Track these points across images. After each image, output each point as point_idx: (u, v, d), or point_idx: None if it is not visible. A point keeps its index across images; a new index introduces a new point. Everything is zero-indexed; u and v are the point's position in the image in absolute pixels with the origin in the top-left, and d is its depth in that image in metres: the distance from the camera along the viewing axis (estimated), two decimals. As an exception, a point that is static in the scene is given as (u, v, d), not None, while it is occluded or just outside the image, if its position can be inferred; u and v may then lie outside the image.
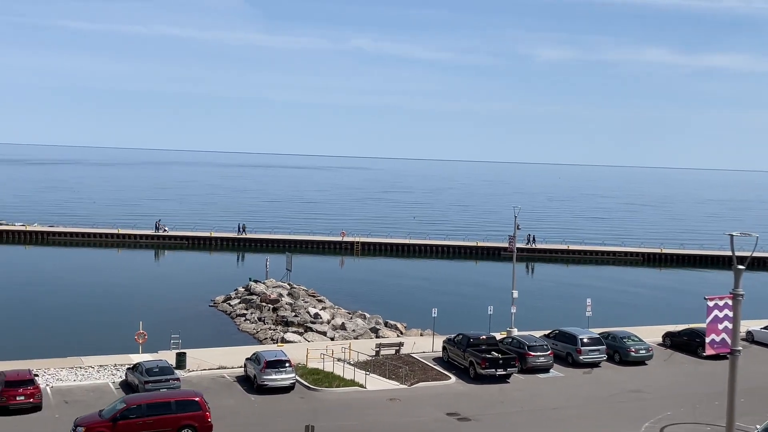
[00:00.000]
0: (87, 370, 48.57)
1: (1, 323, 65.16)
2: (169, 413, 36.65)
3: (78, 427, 35.98)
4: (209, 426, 37.21)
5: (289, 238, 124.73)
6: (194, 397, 37.96)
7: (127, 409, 36.62)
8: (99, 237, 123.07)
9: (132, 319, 61.38)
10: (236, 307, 73.42)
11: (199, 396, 38.17)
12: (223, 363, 51.17)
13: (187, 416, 36.79)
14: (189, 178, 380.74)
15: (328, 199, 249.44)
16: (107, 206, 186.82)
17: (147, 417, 36.39)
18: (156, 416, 36.50)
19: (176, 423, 36.60)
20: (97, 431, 35.69)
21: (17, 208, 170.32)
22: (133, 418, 36.27)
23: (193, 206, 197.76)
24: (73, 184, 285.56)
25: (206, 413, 37.24)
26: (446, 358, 52.84)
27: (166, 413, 36.63)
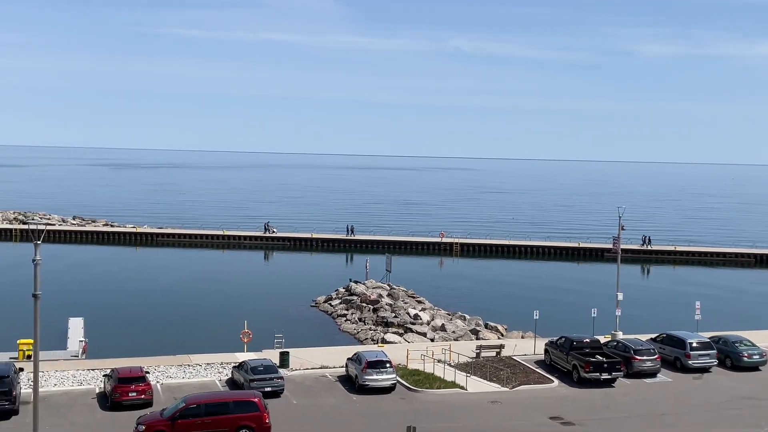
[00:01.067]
0: (195, 368, 50.02)
1: (114, 322, 67.81)
2: (227, 413, 36.75)
3: (139, 425, 36.65)
4: (267, 427, 37.09)
5: (388, 239, 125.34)
6: (252, 398, 37.85)
7: (186, 408, 36.96)
8: (205, 238, 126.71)
9: (237, 318, 62.87)
10: (337, 308, 74.26)
11: (257, 397, 38.05)
12: (324, 362, 51.81)
13: (245, 417, 36.77)
14: (293, 180, 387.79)
15: (428, 200, 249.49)
16: (213, 208, 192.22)
17: (205, 417, 36.66)
18: (214, 416, 36.69)
19: (234, 423, 36.70)
20: (156, 430, 36.22)
21: (128, 210, 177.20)
22: (192, 417, 36.58)
23: (300, 208, 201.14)
24: (180, 187, 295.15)
25: (264, 414, 37.15)
26: (548, 361, 51.97)
27: (224, 413, 36.76)
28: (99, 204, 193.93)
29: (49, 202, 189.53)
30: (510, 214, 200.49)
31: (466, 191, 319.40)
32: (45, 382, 44.90)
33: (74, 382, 46.50)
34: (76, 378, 47.13)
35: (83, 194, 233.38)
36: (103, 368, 48.12)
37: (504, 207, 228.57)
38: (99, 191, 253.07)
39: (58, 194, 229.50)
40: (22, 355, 50.71)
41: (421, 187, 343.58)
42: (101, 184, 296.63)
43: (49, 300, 40.83)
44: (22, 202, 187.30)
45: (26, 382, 44.22)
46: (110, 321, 67.54)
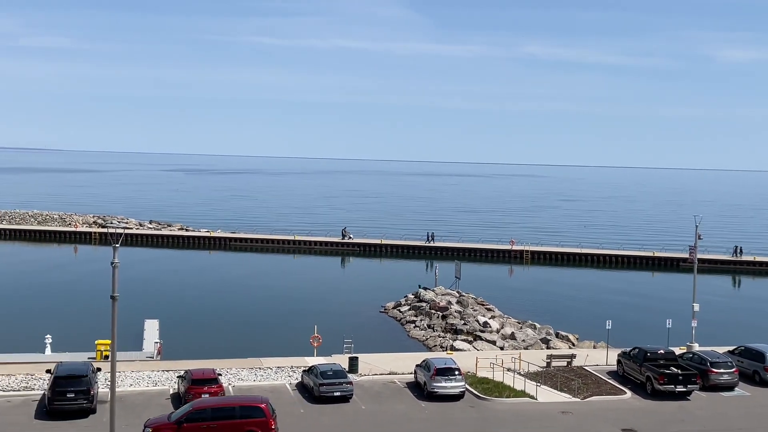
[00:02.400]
0: (265, 371, 50.65)
1: (188, 324, 69.22)
2: (233, 418, 36.77)
3: (146, 428, 36.80)
4: None
5: (458, 246, 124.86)
6: (259, 403, 37.76)
7: (192, 412, 37.07)
8: (277, 243, 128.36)
9: (307, 322, 63.50)
10: (406, 314, 74.29)
11: (264, 402, 37.86)
12: (393, 368, 51.86)
13: (251, 422, 36.69)
14: (362, 187, 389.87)
15: (498, 208, 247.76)
16: (284, 214, 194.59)
17: (211, 421, 36.75)
18: (220, 421, 36.76)
19: (240, 428, 36.70)
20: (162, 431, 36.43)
21: (202, 215, 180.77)
22: (198, 421, 36.70)
23: (369, 214, 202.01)
24: (252, 192, 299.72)
25: (270, 420, 37.02)
26: (621, 372, 50.97)
27: (230, 418, 36.78)
28: (174, 209, 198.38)
29: (127, 207, 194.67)
30: (582, 221, 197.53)
31: (537, 198, 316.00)
32: (121, 382, 46.04)
33: (149, 382, 47.59)
34: (151, 379, 48.24)
35: (159, 199, 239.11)
36: (177, 369, 49.14)
37: (576, 214, 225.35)
38: (174, 196, 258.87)
39: (136, 199, 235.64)
40: (99, 356, 52.13)
41: (491, 194, 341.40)
42: (176, 190, 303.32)
43: (126, 302, 41.93)
44: (101, 206, 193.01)
45: (103, 381, 45.43)
46: (184, 323, 68.99)
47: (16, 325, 66.23)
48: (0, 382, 46.32)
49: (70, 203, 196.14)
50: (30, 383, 46.50)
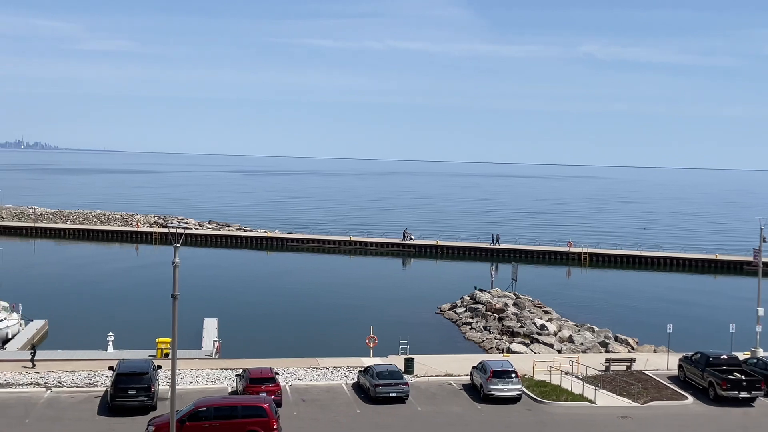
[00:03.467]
0: (322, 371, 50.95)
1: (246, 323, 70.03)
2: (235, 418, 36.68)
3: (150, 425, 37.13)
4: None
5: (514, 247, 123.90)
6: (262, 403, 37.60)
7: (195, 411, 37.19)
8: (333, 244, 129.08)
9: (363, 323, 63.68)
10: (462, 315, 74.00)
11: (266, 403, 37.73)
12: (449, 370, 51.69)
13: (253, 422, 36.56)
14: (418, 187, 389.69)
15: (555, 209, 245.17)
16: (340, 214, 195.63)
17: (213, 420, 36.77)
18: (222, 420, 36.76)
19: (242, 428, 36.64)
20: (165, 431, 36.27)
21: (260, 216, 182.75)
22: (201, 420, 36.79)
23: (425, 216, 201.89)
24: (309, 193, 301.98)
25: (272, 420, 36.82)
26: (682, 377, 49.97)
27: (232, 417, 36.69)
28: (232, 209, 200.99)
29: (187, 207, 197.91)
30: (641, 223, 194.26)
31: (595, 200, 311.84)
32: (181, 379, 46.80)
33: (208, 380, 48.27)
34: (210, 377, 48.92)
35: (218, 200, 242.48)
36: (235, 368, 49.75)
37: (635, 216, 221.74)
38: (232, 197, 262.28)
39: (195, 200, 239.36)
40: (160, 353, 53.08)
41: (548, 196, 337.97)
42: (234, 191, 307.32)
43: (186, 301, 42.62)
44: (162, 206, 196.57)
45: (164, 379, 46.24)
46: (242, 322, 69.82)
47: (80, 322, 67.85)
48: (64, 378, 47.52)
49: (131, 204, 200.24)
50: (93, 380, 47.58)
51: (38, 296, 76.33)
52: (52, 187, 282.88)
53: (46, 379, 47.30)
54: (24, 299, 66.19)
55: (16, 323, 60.91)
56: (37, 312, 66.07)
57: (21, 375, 47.94)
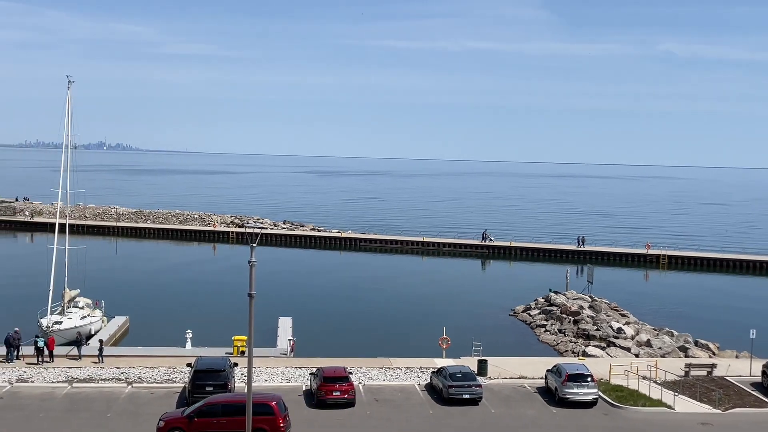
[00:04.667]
0: (395, 371, 51.06)
1: (320, 322, 70.66)
2: (242, 415, 35.71)
3: (160, 420, 37.68)
4: (281, 430, 36.87)
5: (589, 249, 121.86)
6: (269, 401, 37.57)
7: (203, 407, 37.45)
8: (406, 244, 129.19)
9: (436, 324, 63.55)
10: (536, 318, 73.17)
11: (274, 400, 37.69)
12: (523, 373, 51.17)
13: (260, 419, 36.32)
14: (493, 188, 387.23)
15: (632, 210, 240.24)
16: (412, 215, 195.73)
17: (221, 417, 36.91)
18: (230, 417, 36.83)
19: None
20: (174, 425, 36.93)
21: (334, 216, 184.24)
22: (209, 416, 36.98)
23: (498, 217, 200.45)
24: (382, 194, 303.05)
25: (279, 418, 36.85)
26: (766, 384, 48.36)
27: (239, 414, 36.21)
28: (307, 209, 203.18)
29: (262, 207, 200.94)
30: (723, 225, 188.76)
31: (674, 201, 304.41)
32: (256, 377, 47.39)
33: (283, 378, 48.90)
34: (284, 375, 49.55)
35: (292, 200, 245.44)
36: (309, 367, 50.28)
37: (716, 218, 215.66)
38: (306, 197, 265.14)
39: (270, 200, 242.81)
40: (236, 351, 53.98)
41: (625, 197, 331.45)
42: (308, 191, 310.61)
43: (262, 299, 43.14)
44: (238, 206, 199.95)
45: (239, 376, 47.06)
46: (316, 321, 70.47)
47: (159, 320, 69.55)
48: (144, 374, 48.80)
49: (209, 204, 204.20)
50: (172, 376, 48.73)
51: (120, 293, 78.56)
52: (133, 188, 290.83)
53: (127, 374, 48.66)
54: (106, 296, 68.26)
55: (99, 320, 62.84)
56: (119, 309, 68.04)
57: (103, 370, 49.43)
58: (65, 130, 64.11)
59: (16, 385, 46.15)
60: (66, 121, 64.12)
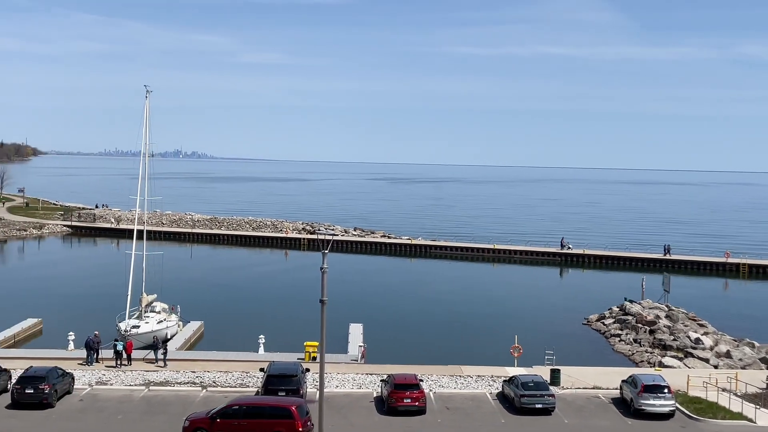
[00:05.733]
0: (466, 379, 50.73)
1: (390, 329, 70.72)
2: (262, 417, 37.30)
3: (186, 420, 38.61)
4: None
5: (665, 258, 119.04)
6: (289, 405, 37.97)
7: (226, 408, 38.16)
8: (476, 251, 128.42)
9: (508, 332, 62.94)
10: (610, 327, 71.79)
11: (293, 405, 38.04)
12: (597, 383, 50.24)
13: (279, 423, 37.03)
14: (565, 195, 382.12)
15: (710, 218, 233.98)
16: (484, 222, 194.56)
17: (242, 419, 37.51)
18: (250, 419, 37.43)
19: (269, 428, 37.15)
20: (198, 425, 37.81)
21: (404, 223, 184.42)
22: (230, 418, 37.60)
23: (573, 224, 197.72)
24: (452, 200, 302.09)
25: (297, 422, 37.10)
26: None
27: (260, 417, 37.34)
28: (377, 216, 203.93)
29: (333, 214, 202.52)
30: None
31: (756, 208, 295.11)
32: (327, 383, 47.69)
33: (354, 385, 49.08)
34: (355, 381, 49.74)
35: (363, 207, 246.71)
36: (379, 373, 50.31)
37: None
38: (377, 204, 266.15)
39: (341, 207, 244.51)
40: (308, 357, 54.41)
41: (703, 203, 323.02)
42: (379, 198, 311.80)
43: (333, 306, 43.45)
44: (309, 213, 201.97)
45: (311, 382, 47.40)
46: (387, 328, 70.58)
47: (233, 325, 70.64)
48: (218, 378, 49.62)
49: (281, 210, 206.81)
50: (245, 380, 49.42)
51: (195, 299, 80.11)
52: (207, 195, 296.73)
53: (201, 378, 49.56)
54: (182, 301, 69.67)
55: (175, 324, 64.19)
56: (194, 314, 69.40)
57: (179, 374, 50.43)
58: (143, 138, 65.83)
59: (96, 387, 47.47)
60: (144, 129, 65.86)
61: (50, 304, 77.33)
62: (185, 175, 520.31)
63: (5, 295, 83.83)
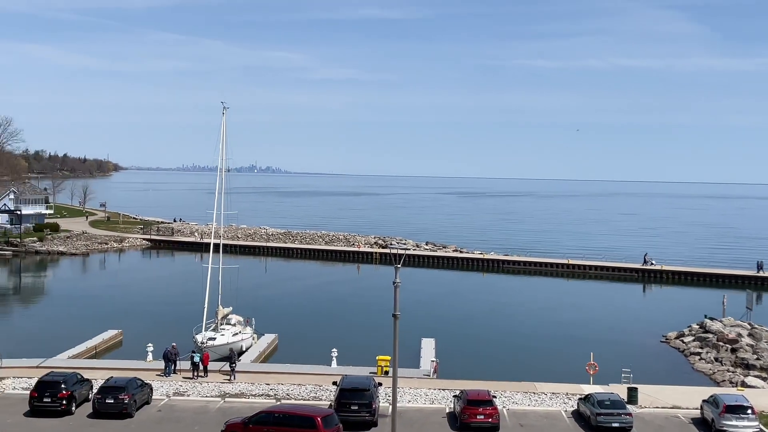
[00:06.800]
0: (540, 396, 50.02)
1: (463, 344, 70.27)
2: (289, 426, 38.40)
3: (224, 424, 40.56)
4: None
5: (748, 274, 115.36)
6: (315, 415, 38.87)
7: (259, 415, 39.58)
8: (549, 266, 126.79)
9: (583, 349, 61.83)
10: (690, 345, 69.87)
11: (320, 415, 38.93)
12: (676, 402, 48.95)
13: (303, 431, 38.07)
14: (642, 210, 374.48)
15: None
16: (556, 236, 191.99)
17: (272, 426, 38.69)
18: (279, 426, 38.56)
19: None
20: (233, 429, 39.59)
21: (476, 237, 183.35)
22: (262, 425, 38.87)
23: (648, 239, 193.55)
24: (524, 215, 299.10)
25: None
26: None
27: (286, 425, 38.48)
28: (449, 230, 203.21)
29: (405, 228, 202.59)
30: None
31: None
32: (400, 398, 47.60)
33: (426, 400, 48.90)
34: (427, 396, 49.54)
35: (434, 221, 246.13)
36: (452, 389, 50.04)
37: None
38: (448, 218, 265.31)
39: (413, 221, 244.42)
40: (380, 371, 54.47)
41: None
42: (450, 212, 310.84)
43: (405, 320, 43.47)
44: (381, 227, 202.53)
45: (383, 396, 47.40)
46: (459, 343, 70.16)
47: (306, 338, 71.25)
48: (292, 391, 50.08)
49: (353, 225, 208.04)
50: (318, 393, 49.74)
51: (269, 311, 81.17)
52: (281, 209, 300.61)
53: (276, 391, 50.10)
54: (257, 314, 70.69)
55: (250, 337, 65.11)
56: (269, 326, 70.26)
57: (254, 386, 51.10)
58: (220, 154, 67.17)
59: (173, 398, 48.45)
60: (221, 145, 67.21)
61: (130, 315, 79.37)
62: (260, 190, 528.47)
63: (87, 307, 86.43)
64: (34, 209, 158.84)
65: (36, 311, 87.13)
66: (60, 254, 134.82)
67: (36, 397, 43.90)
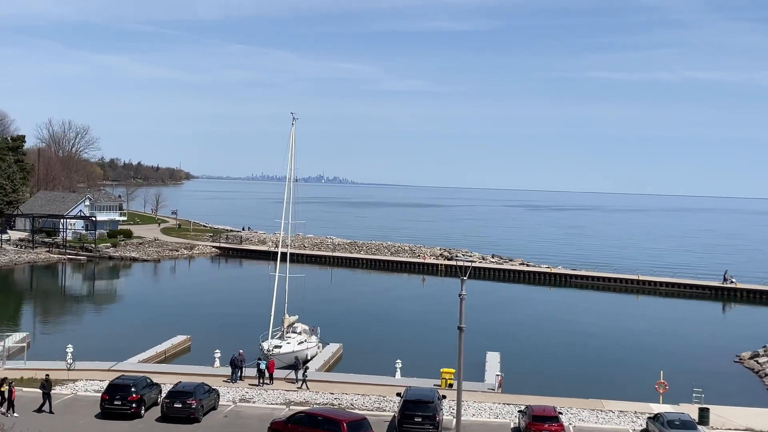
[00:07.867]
0: (607, 414, 49.06)
1: (528, 359, 69.42)
2: (319, 428, 39.58)
3: (271, 422, 42.58)
4: None
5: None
6: (341, 419, 39.76)
7: (297, 415, 41.33)
8: (619, 282, 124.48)
9: (652, 367, 60.48)
10: (765, 366, 67.66)
11: (348, 419, 39.86)
12: (749, 424, 47.42)
13: None
14: (714, 226, 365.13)
15: None
16: (626, 252, 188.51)
17: (306, 426, 40.12)
18: (311, 428, 39.84)
19: None
20: (276, 427, 41.54)
21: (543, 251, 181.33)
22: (297, 424, 40.48)
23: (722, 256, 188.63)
24: (592, 229, 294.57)
25: None
26: None
27: (316, 427, 39.67)
28: (515, 243, 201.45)
29: (471, 241, 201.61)
30: None
31: None
32: (464, 411, 47.22)
33: (490, 414, 48.42)
34: (492, 410, 49.06)
35: (501, 234, 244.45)
36: (517, 404, 49.48)
37: None
38: (515, 231, 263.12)
39: (479, 233, 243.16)
40: (444, 383, 54.17)
41: None
42: (517, 225, 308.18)
43: (470, 333, 43.19)
44: (447, 239, 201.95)
45: (447, 409, 47.12)
46: (525, 357, 69.37)
47: (371, 348, 71.41)
48: (356, 401, 50.17)
49: (418, 236, 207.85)
50: (382, 404, 49.73)
51: (334, 321, 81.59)
52: (347, 219, 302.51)
53: (340, 400, 50.26)
54: (322, 323, 71.12)
55: (315, 345, 65.56)
56: (334, 336, 70.66)
57: (318, 395, 51.38)
58: (288, 164, 67.97)
59: (239, 404, 49.04)
60: (290, 155, 68.02)
61: (198, 321, 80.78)
62: (326, 200, 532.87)
63: (158, 312, 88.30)
64: (109, 216, 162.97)
65: (108, 316, 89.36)
66: (132, 260, 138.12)
67: (107, 399, 44.91)
